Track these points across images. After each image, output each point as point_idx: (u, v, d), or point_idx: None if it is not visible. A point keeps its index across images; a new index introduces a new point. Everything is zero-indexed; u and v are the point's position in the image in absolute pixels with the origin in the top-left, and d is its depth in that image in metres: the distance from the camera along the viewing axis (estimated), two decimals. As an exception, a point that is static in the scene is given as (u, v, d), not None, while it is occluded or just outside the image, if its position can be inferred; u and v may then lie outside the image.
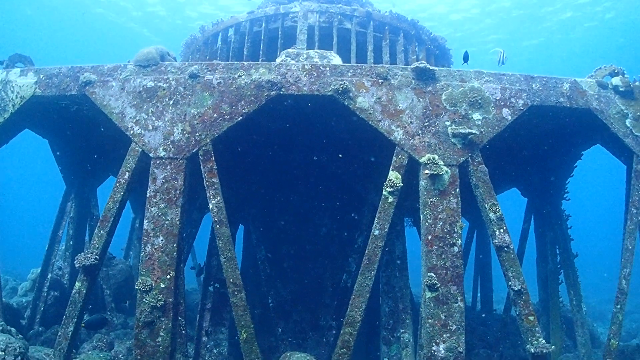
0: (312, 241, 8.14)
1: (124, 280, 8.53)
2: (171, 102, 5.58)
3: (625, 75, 6.20)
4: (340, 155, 6.68)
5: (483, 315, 10.24)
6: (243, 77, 5.57)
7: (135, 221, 10.25)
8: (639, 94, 6.08)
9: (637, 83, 6.18)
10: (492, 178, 6.85)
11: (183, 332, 5.45)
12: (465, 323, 5.46)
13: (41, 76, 6.08)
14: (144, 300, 5.11)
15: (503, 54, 8.24)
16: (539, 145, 6.98)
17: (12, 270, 19.76)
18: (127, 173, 5.50)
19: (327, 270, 7.99)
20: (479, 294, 10.54)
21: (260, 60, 7.55)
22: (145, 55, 5.93)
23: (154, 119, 5.55)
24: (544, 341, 5.19)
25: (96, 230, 5.46)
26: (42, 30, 41.83)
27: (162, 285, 5.14)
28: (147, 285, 5.14)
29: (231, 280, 5.19)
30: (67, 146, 7.61)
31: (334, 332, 7.50)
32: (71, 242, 7.86)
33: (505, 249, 5.26)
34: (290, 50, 6.38)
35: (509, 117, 5.55)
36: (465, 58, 6.51)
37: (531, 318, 5.23)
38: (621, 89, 6.01)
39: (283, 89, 5.47)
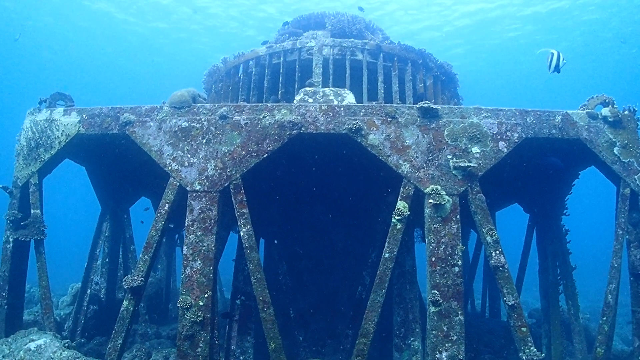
0: (329, 256, 9.34)
1: (154, 292, 9.80)
2: (204, 140, 6.75)
3: (615, 106, 7.25)
4: (354, 181, 7.85)
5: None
6: (267, 117, 6.73)
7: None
8: (627, 122, 7.14)
9: (625, 112, 7.24)
10: (496, 195, 7.94)
11: (217, 342, 6.65)
12: (471, 331, 6.57)
13: (84, 116, 7.27)
14: (185, 316, 6.28)
15: (555, 58, 8.45)
16: (537, 167, 8.08)
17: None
18: (166, 204, 6.69)
19: (343, 282, 9.20)
20: (487, 302, 11.72)
21: (279, 91, 8.71)
22: (179, 98, 7.11)
23: (189, 156, 6.73)
24: (535, 349, 6.31)
25: (141, 255, 6.65)
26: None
27: (201, 303, 6.31)
28: (188, 303, 6.32)
29: (261, 298, 6.38)
30: (103, 172, 8.85)
31: (350, 339, 8.68)
32: (107, 260, 9.15)
33: (501, 268, 6.39)
34: (307, 88, 7.53)
35: (505, 150, 6.66)
36: None
37: (524, 329, 6.35)
38: (610, 119, 7.07)
39: (303, 128, 6.63)
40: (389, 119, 6.66)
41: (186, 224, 6.54)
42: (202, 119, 6.85)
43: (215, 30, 41.40)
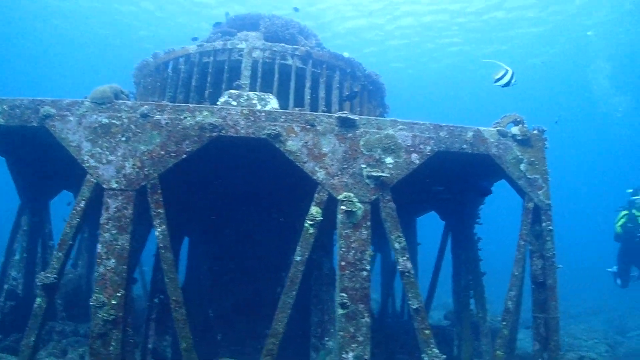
0: (252, 257, 9.58)
1: (73, 289, 9.78)
2: (123, 138, 6.83)
3: (525, 125, 7.76)
4: (276, 184, 8.11)
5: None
6: (188, 118, 6.88)
7: (84, 232, 11.41)
8: (534, 141, 7.66)
9: (534, 132, 7.76)
10: (415, 203, 8.30)
11: (131, 341, 6.78)
12: (388, 331, 6.89)
13: (4, 106, 7.18)
14: (98, 314, 6.36)
15: (508, 76, 9.01)
16: (452, 178, 8.56)
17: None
18: (82, 202, 6.74)
19: (264, 283, 9.45)
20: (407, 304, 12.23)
21: (207, 91, 8.85)
22: (101, 94, 7.15)
23: (107, 153, 6.79)
24: (437, 351, 6.74)
25: (55, 252, 6.70)
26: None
27: (114, 302, 6.40)
28: (101, 302, 6.40)
29: (173, 297, 6.55)
30: (24, 165, 8.77)
31: (270, 340, 8.96)
32: (25, 255, 9.07)
33: (407, 273, 6.80)
34: (232, 91, 7.74)
35: (417, 161, 7.05)
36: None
37: (427, 332, 6.78)
38: (519, 138, 7.56)
39: (223, 131, 6.82)
40: (308, 127, 6.93)
41: (101, 222, 6.61)
42: (123, 117, 6.92)
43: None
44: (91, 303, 6.46)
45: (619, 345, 17.10)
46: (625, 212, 15.46)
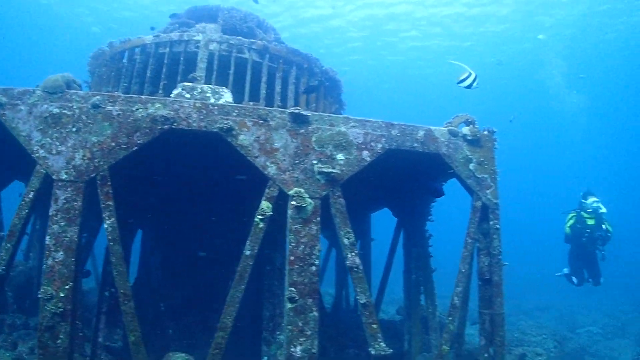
0: (206, 251, 9.59)
1: (24, 281, 9.64)
2: (74, 129, 6.76)
3: (476, 125, 7.95)
4: (231, 178, 8.15)
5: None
6: (140, 110, 6.85)
7: (36, 224, 11.24)
8: (484, 142, 7.86)
9: (485, 132, 7.97)
10: (368, 199, 8.41)
11: (80, 334, 6.75)
12: (341, 326, 6.98)
13: (-47, 95, 7.05)
14: (46, 307, 6.29)
15: (470, 79, 9.47)
16: (403, 176, 8.73)
17: None
18: (31, 192, 6.65)
19: (218, 277, 9.47)
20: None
21: (162, 82, 8.83)
22: (53, 83, 7.06)
23: (57, 144, 6.71)
24: (384, 345, 6.90)
25: (3, 244, 6.59)
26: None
27: (62, 295, 6.34)
28: (49, 294, 6.34)
29: (122, 291, 6.53)
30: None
31: (222, 333, 8.99)
32: (-27, 245, 8.88)
33: (355, 269, 6.92)
34: (186, 83, 7.75)
35: (368, 159, 7.18)
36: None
37: (374, 326, 6.93)
38: (469, 138, 7.76)
39: (175, 124, 6.81)
40: (260, 121, 6.99)
41: (50, 214, 6.55)
42: (74, 107, 6.85)
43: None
44: (39, 295, 6.39)
45: (567, 341, 17.67)
46: (573, 213, 16.00)
